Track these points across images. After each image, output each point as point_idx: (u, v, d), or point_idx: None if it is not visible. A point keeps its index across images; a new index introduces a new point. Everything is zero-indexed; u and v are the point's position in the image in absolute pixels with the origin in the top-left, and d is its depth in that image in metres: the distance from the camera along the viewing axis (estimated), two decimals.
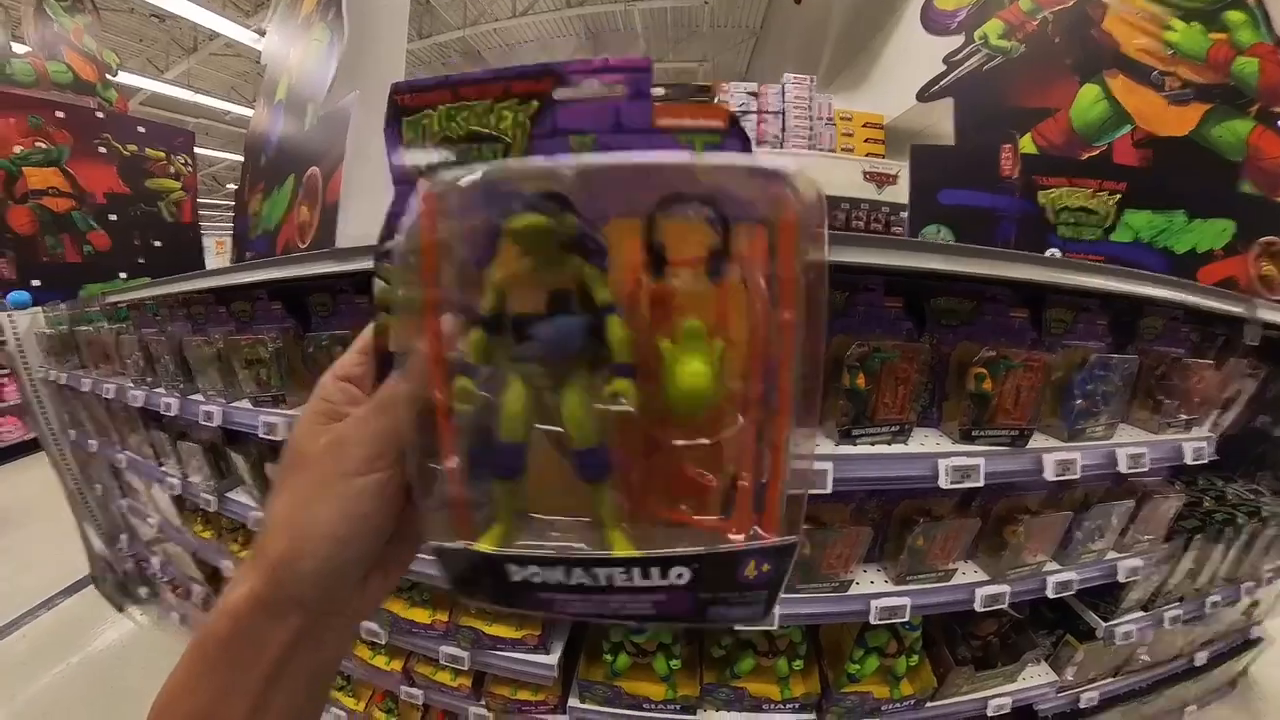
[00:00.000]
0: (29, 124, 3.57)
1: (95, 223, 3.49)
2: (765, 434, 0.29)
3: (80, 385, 2.42)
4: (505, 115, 0.33)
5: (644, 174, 0.27)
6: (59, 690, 2.55)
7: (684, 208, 0.28)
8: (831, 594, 1.25)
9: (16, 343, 2.97)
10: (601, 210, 0.29)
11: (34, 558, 3.65)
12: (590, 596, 0.28)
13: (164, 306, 1.90)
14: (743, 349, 0.29)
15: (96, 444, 2.66)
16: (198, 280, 1.57)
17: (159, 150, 3.68)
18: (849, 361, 1.09)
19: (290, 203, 1.55)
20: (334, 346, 1.26)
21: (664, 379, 0.28)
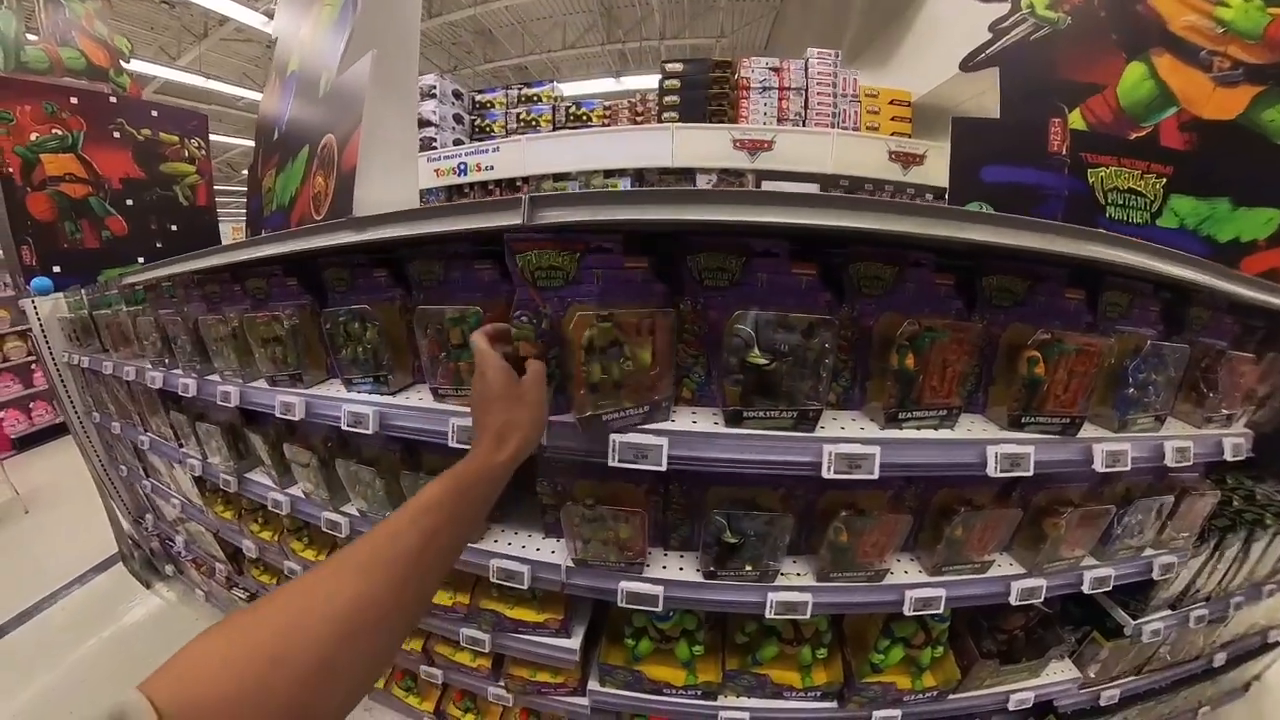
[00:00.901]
0: (44, 111, 3.53)
1: (112, 208, 3.47)
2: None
3: (102, 368, 2.41)
4: (562, 259, 0.96)
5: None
6: (93, 661, 2.63)
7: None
8: (866, 583, 1.21)
9: (40, 328, 2.98)
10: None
11: (67, 535, 3.76)
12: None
13: (180, 287, 1.86)
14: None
15: (119, 426, 2.66)
16: (210, 257, 1.53)
17: (173, 134, 3.64)
18: (899, 340, 1.03)
19: (305, 175, 1.49)
20: (352, 323, 1.20)
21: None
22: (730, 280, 1.03)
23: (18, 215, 3.36)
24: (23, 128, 3.45)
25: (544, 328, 0.96)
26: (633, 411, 1.01)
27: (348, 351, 1.22)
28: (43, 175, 3.44)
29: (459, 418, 1.13)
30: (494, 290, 1.13)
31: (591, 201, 0.93)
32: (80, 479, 3.14)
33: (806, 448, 1.01)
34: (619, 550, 1.18)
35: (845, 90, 4.00)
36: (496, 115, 4.62)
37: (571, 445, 1.05)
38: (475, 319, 1.07)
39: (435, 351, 1.11)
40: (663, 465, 1.00)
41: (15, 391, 5.65)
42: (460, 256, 1.15)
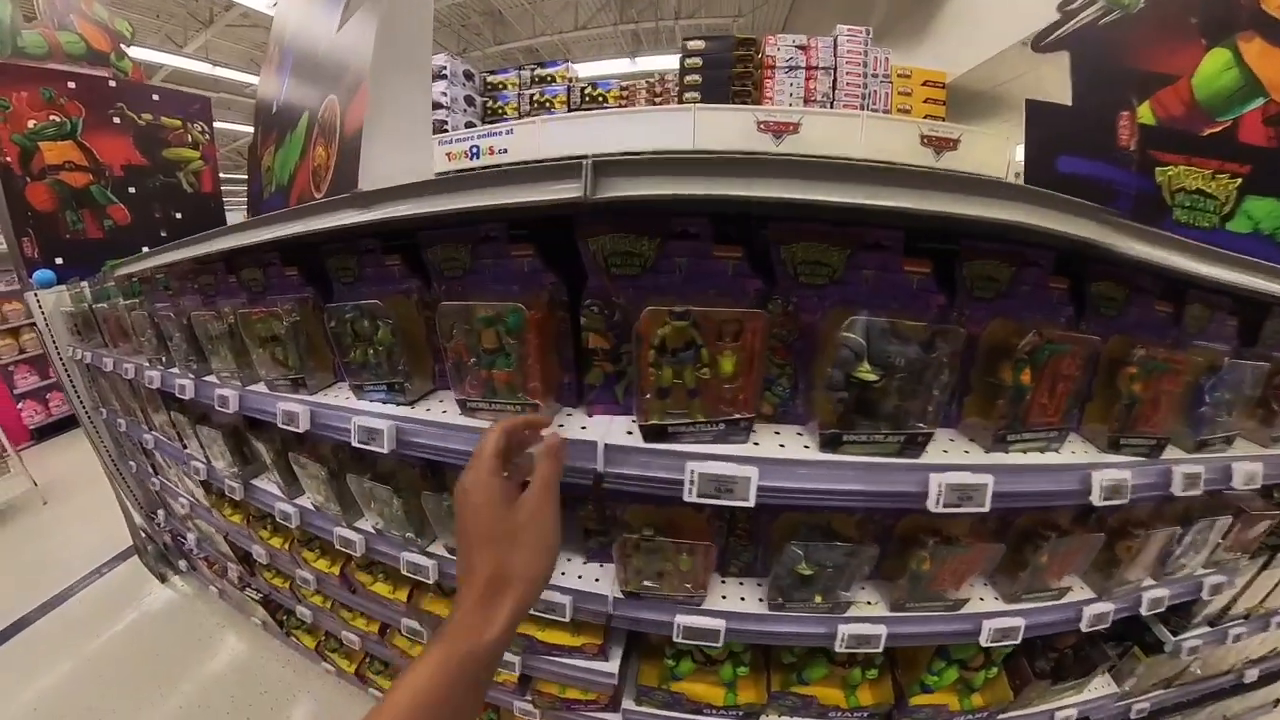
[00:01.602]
0: (41, 97, 3.31)
1: (114, 196, 3.27)
2: None
3: (103, 364, 2.23)
4: (640, 245, 0.85)
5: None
6: (109, 655, 2.55)
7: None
8: (943, 613, 1.11)
9: (44, 322, 2.81)
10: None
11: (85, 526, 3.67)
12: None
13: (175, 279, 1.66)
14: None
15: (125, 423, 2.49)
16: (194, 246, 1.32)
17: (175, 119, 3.42)
18: (1019, 353, 0.87)
19: (304, 147, 1.27)
20: (361, 320, 0.99)
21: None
22: (830, 277, 0.85)
23: (17, 206, 3.18)
24: (20, 115, 3.24)
25: (615, 319, 0.83)
26: (705, 427, 0.85)
27: (357, 354, 1.02)
28: (42, 164, 3.25)
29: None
30: (534, 281, 0.92)
31: (678, 170, 0.70)
32: (97, 470, 3.05)
33: (910, 477, 0.85)
34: (678, 582, 1.05)
35: (876, 70, 3.71)
36: (509, 97, 4.35)
37: (636, 474, 0.85)
38: (515, 320, 0.85)
39: (463, 356, 0.91)
40: (750, 500, 0.81)
41: (33, 383, 5.57)
42: (491, 240, 0.94)
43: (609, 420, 0.95)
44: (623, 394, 0.94)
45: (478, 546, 0.54)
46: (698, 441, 0.85)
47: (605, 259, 0.83)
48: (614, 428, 0.91)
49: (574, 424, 0.94)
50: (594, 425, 0.93)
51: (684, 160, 0.71)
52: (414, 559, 1.25)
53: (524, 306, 0.84)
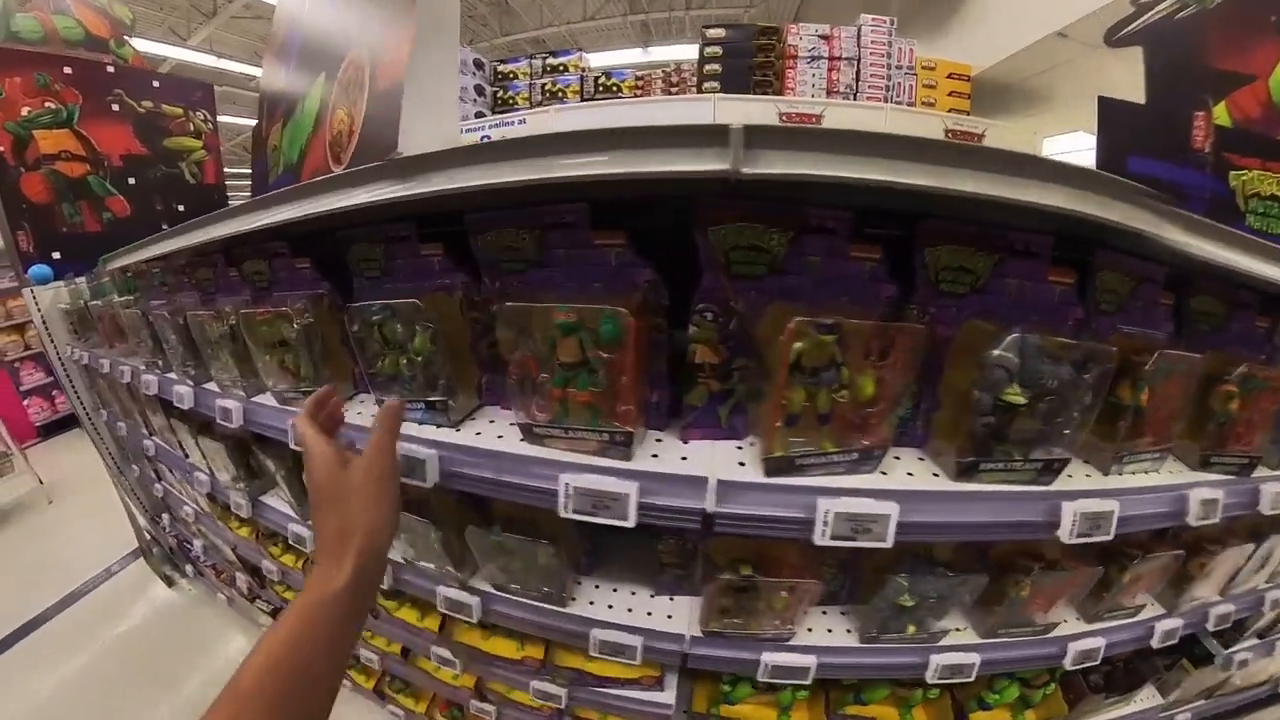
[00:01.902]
0: (35, 83, 3.04)
1: (113, 187, 3.01)
2: None
3: (100, 366, 2.00)
4: (770, 238, 0.69)
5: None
6: (115, 660, 2.41)
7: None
8: (1032, 637, 1.03)
9: (41, 320, 2.57)
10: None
11: (90, 526, 3.47)
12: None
13: (170, 273, 1.43)
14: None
15: (125, 427, 2.26)
16: (188, 235, 1.08)
17: (176, 106, 3.15)
18: (1229, 381, 0.85)
19: (318, 117, 1.04)
20: (392, 323, 0.77)
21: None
22: (972, 285, 0.74)
23: (11, 198, 2.91)
24: (13, 101, 2.97)
25: (731, 328, 0.69)
26: (837, 458, 0.72)
27: (385, 364, 0.80)
28: (36, 153, 2.98)
29: (572, 473, 0.71)
30: (624, 278, 0.71)
31: (857, 149, 0.56)
32: (103, 469, 2.85)
33: (1040, 506, 0.76)
34: (769, 620, 0.93)
35: (900, 61, 3.48)
36: (520, 87, 4.08)
37: (756, 514, 0.70)
38: (612, 328, 0.64)
39: (531, 371, 0.70)
40: (888, 540, 0.69)
41: (39, 379, 5.33)
42: (567, 226, 0.71)
43: (709, 447, 0.78)
44: (727, 416, 0.79)
45: (322, 509, 0.58)
46: (827, 475, 0.72)
47: (727, 254, 0.68)
48: (719, 458, 0.75)
49: (669, 452, 0.77)
50: (694, 454, 0.76)
51: (864, 138, 0.56)
52: (453, 595, 1.05)
53: (624, 311, 0.63)
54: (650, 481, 0.69)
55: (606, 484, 0.68)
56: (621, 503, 0.68)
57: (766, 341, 0.68)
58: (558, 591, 0.98)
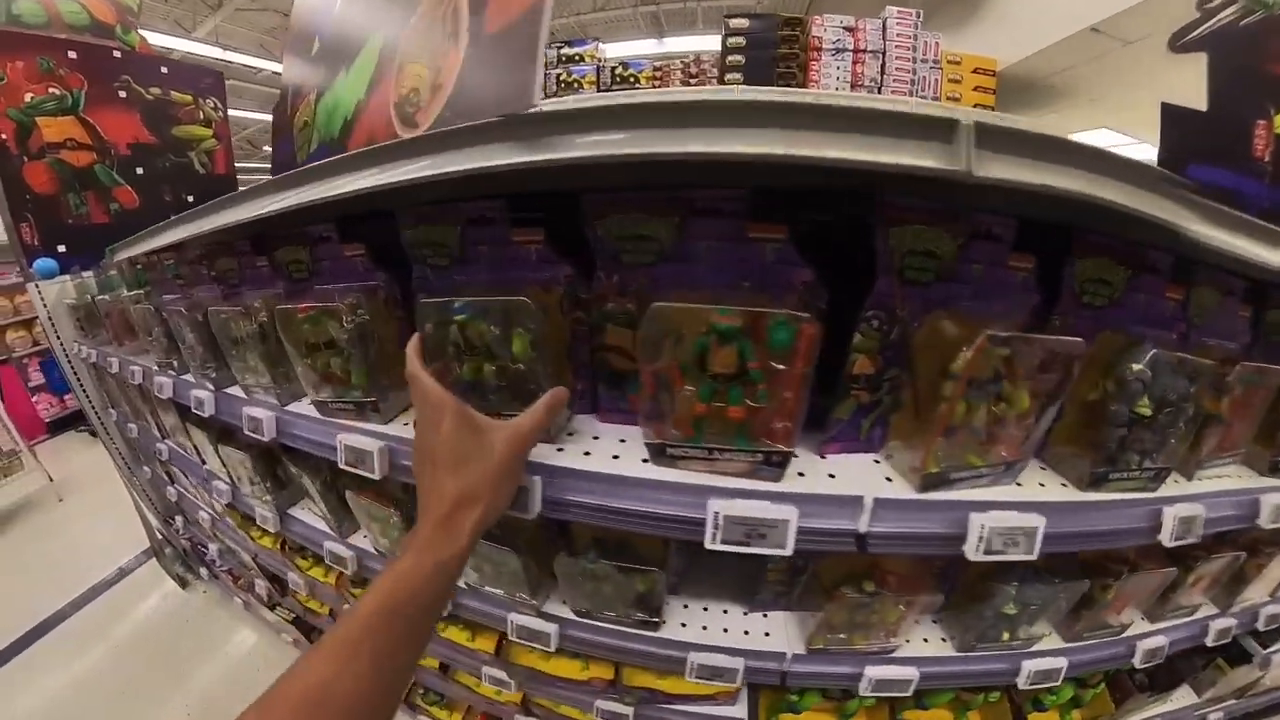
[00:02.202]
0: (38, 67, 2.81)
1: (120, 177, 2.79)
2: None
3: (109, 365, 1.80)
4: (944, 243, 0.60)
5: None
6: (130, 663, 2.28)
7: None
8: (1110, 639, 1.01)
9: (47, 316, 2.37)
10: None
11: (101, 525, 3.30)
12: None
13: (185, 264, 1.24)
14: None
15: (136, 429, 2.06)
16: (214, 215, 0.88)
17: (185, 93, 2.93)
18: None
19: (374, 77, 0.84)
20: (480, 324, 0.59)
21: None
22: (1109, 299, 0.72)
23: (14, 188, 2.68)
24: (15, 87, 2.73)
25: (892, 337, 0.63)
26: (985, 472, 0.69)
27: (465, 370, 0.62)
28: (40, 141, 2.75)
29: (722, 499, 0.59)
30: (779, 277, 0.58)
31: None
32: (113, 466, 2.65)
33: (1146, 512, 0.75)
34: (879, 634, 0.90)
35: (926, 55, 3.30)
36: None
37: (908, 532, 0.65)
38: (786, 335, 0.51)
39: (676, 382, 0.54)
40: (1035, 553, 0.66)
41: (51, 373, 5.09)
42: (712, 214, 0.57)
43: (848, 462, 0.71)
44: (868, 429, 0.72)
45: (443, 467, 0.52)
46: (973, 488, 0.69)
47: (903, 257, 0.61)
48: (863, 473, 0.70)
49: (812, 469, 0.68)
50: (839, 470, 0.69)
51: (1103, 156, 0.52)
52: (528, 623, 0.90)
53: (806, 316, 0.51)
54: (808, 504, 0.61)
55: (763, 510, 0.59)
56: (780, 530, 0.59)
57: (925, 351, 0.63)
58: (651, 616, 0.87)
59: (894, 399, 0.68)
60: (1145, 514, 0.74)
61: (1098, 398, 0.70)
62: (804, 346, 0.53)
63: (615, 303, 0.59)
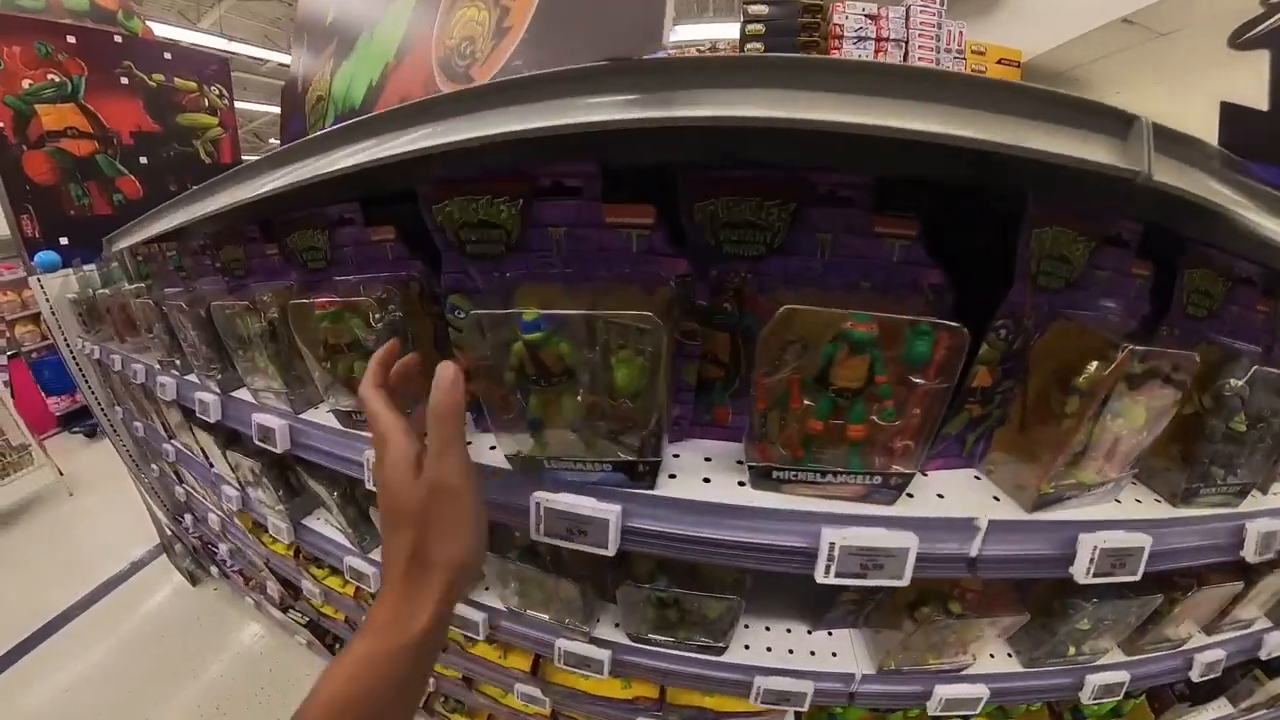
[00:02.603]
0: (36, 53, 2.65)
1: (123, 167, 2.65)
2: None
3: (111, 363, 1.68)
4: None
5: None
6: (137, 659, 2.24)
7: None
8: (1170, 652, 0.97)
9: (50, 310, 2.25)
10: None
11: (112, 520, 3.25)
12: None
13: (188, 255, 1.11)
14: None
15: (142, 428, 1.94)
16: (223, 192, 0.74)
17: (190, 80, 2.78)
18: None
19: (407, 32, 0.69)
20: (560, 344, 0.45)
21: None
22: (1209, 310, 0.68)
23: (14, 178, 2.55)
24: (13, 73, 2.59)
25: (1015, 347, 0.55)
26: (1094, 490, 0.64)
27: (534, 403, 0.48)
28: (40, 130, 2.61)
29: (836, 526, 0.53)
30: (906, 279, 0.50)
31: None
32: (122, 463, 2.56)
33: (1230, 527, 0.70)
34: (951, 652, 0.85)
35: (949, 45, 3.15)
36: None
37: (1019, 555, 0.60)
38: (924, 346, 0.44)
39: (794, 398, 0.44)
40: (1139, 574, 0.63)
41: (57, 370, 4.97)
42: (834, 202, 0.47)
43: (950, 479, 0.65)
44: (973, 443, 0.65)
45: (393, 523, 0.43)
46: (1079, 506, 0.64)
47: (1039, 263, 0.54)
48: (966, 492, 0.63)
49: (917, 488, 0.62)
50: (944, 488, 0.63)
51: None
52: (577, 649, 0.81)
53: (956, 326, 0.43)
54: (924, 529, 0.55)
55: (882, 539, 0.52)
56: (898, 560, 0.52)
57: (1043, 361, 0.58)
58: (716, 641, 0.79)
59: (1002, 412, 0.63)
60: (1229, 530, 0.71)
61: (1193, 412, 0.67)
62: (944, 359, 0.44)
63: (710, 301, 0.49)
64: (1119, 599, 0.83)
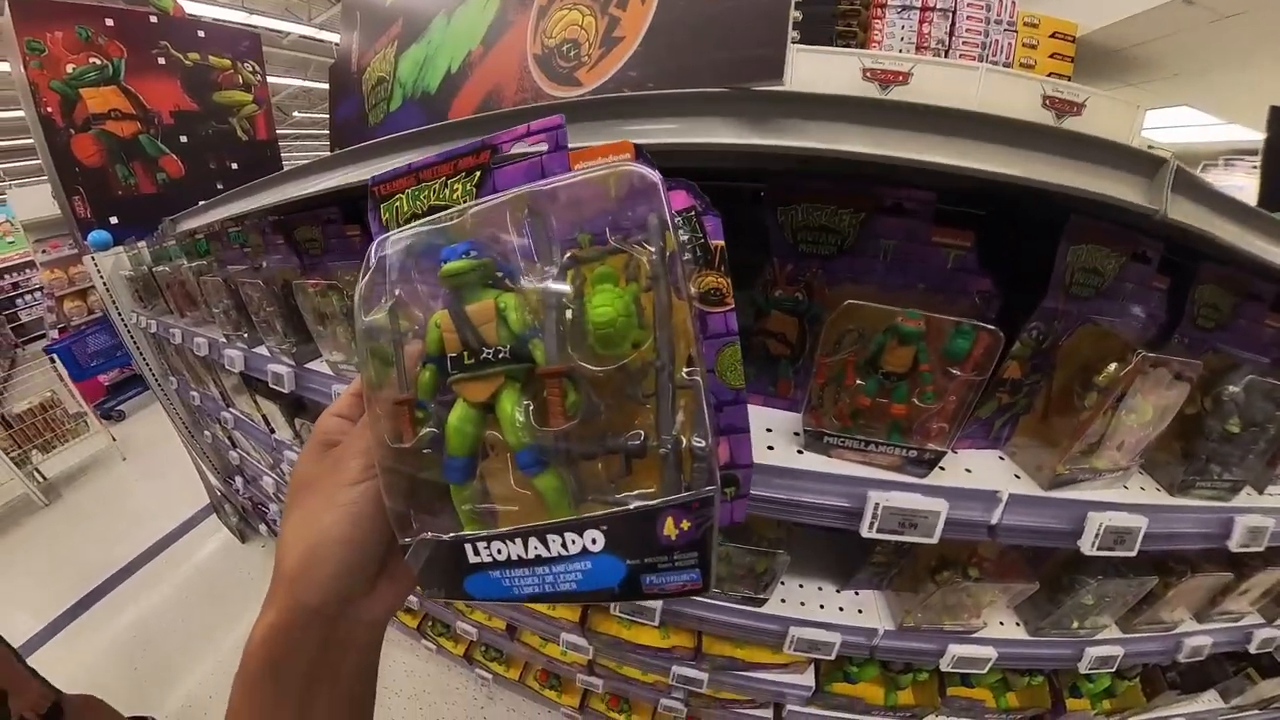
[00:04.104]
0: (77, 37, 2.72)
1: (165, 146, 2.72)
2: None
3: (170, 336, 1.78)
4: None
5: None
6: (191, 611, 2.46)
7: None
8: (1161, 634, 1.04)
9: (105, 287, 2.36)
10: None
11: (164, 482, 3.43)
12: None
13: (254, 233, 1.17)
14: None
15: (198, 396, 2.07)
16: (307, 180, 0.79)
17: (224, 58, 2.82)
18: None
19: (495, 22, 0.71)
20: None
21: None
22: (1217, 322, 0.74)
23: (64, 161, 2.65)
24: (57, 58, 2.67)
25: (1045, 345, 0.62)
26: (1105, 475, 0.72)
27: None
28: (85, 113, 2.69)
29: (881, 490, 0.63)
30: (955, 284, 0.59)
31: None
32: (172, 428, 2.74)
33: (1219, 519, 0.78)
34: (964, 615, 0.93)
35: (1000, 16, 3.00)
36: None
37: (1031, 525, 0.68)
38: (964, 344, 0.54)
39: (848, 377, 0.54)
40: (1134, 549, 0.71)
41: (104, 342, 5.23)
42: (900, 213, 0.56)
43: (974, 455, 0.73)
44: (999, 427, 0.73)
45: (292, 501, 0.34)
46: (1090, 489, 0.72)
47: (1072, 276, 0.62)
48: (992, 469, 0.72)
49: (949, 462, 0.70)
50: (973, 464, 0.71)
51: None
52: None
53: (993, 330, 0.51)
54: (954, 497, 0.63)
55: (918, 502, 0.61)
56: (930, 521, 0.62)
57: (1068, 359, 0.65)
58: (759, 593, 0.89)
59: (1028, 401, 0.69)
60: (1219, 521, 0.77)
61: (1195, 412, 0.73)
62: (980, 356, 0.51)
63: (784, 290, 0.57)
64: (1120, 577, 0.91)
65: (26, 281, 7.20)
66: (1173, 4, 2.64)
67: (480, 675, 1.86)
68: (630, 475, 0.26)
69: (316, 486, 0.32)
